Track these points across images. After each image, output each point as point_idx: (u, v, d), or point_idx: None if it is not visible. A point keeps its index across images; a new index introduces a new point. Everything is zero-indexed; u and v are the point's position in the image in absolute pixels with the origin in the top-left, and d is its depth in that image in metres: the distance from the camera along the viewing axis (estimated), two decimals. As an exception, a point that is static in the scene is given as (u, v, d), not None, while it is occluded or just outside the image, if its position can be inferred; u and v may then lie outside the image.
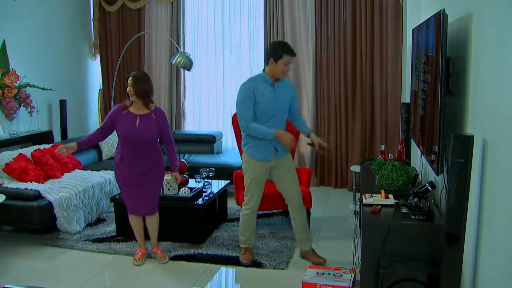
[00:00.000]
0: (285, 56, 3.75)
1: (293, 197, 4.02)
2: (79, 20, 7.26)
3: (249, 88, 3.82)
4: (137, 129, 3.87)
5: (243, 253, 4.09)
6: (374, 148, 6.24)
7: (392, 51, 5.99)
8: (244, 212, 4.06)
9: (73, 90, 7.03)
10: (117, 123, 3.90)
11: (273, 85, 3.86)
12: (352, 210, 5.37)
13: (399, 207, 3.12)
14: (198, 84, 7.17)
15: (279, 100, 3.87)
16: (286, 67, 3.79)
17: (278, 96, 3.87)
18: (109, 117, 3.93)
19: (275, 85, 3.87)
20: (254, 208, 4.03)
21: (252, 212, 4.05)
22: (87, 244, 4.44)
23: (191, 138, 6.68)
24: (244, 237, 4.08)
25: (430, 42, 3.10)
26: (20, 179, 4.70)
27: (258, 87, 3.82)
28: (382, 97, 6.15)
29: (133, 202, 4.00)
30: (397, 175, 3.44)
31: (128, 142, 3.91)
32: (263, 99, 3.80)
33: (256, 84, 3.83)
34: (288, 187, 4.02)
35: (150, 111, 3.94)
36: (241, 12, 6.84)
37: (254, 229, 4.13)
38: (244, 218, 4.06)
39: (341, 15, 6.23)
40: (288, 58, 3.76)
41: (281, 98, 3.89)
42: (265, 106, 3.81)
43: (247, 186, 4.03)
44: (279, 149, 3.90)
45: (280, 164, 3.96)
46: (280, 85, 3.89)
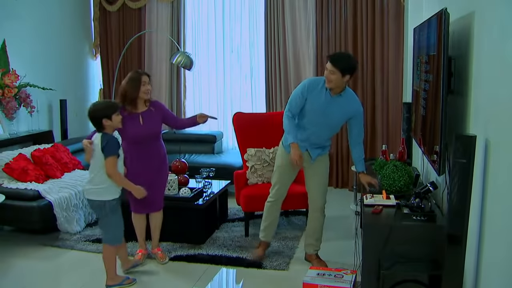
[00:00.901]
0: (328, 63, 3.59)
1: (315, 199, 3.96)
2: (79, 20, 7.24)
3: (303, 86, 3.72)
4: (142, 127, 3.87)
5: (257, 247, 4.13)
6: (375, 148, 6.22)
7: (394, 50, 5.96)
8: (267, 200, 4.05)
9: (73, 90, 7.01)
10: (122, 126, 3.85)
11: (332, 95, 3.66)
12: (353, 210, 5.34)
13: (401, 208, 3.10)
14: (199, 84, 7.15)
15: (328, 113, 3.67)
16: (326, 73, 3.59)
17: (330, 109, 3.66)
18: None
19: (335, 97, 3.66)
20: (275, 198, 4.01)
21: (273, 202, 4.02)
22: (87, 244, 4.42)
23: (191, 138, 6.66)
24: (263, 226, 4.10)
25: (431, 41, 3.08)
26: (20, 179, 4.69)
27: (313, 89, 3.68)
28: (383, 96, 6.12)
29: (141, 201, 3.87)
30: (399, 175, 3.42)
31: (136, 142, 3.88)
32: (312, 104, 3.67)
33: (313, 85, 3.70)
34: (313, 188, 3.96)
35: (147, 107, 3.95)
36: (241, 11, 6.81)
37: (274, 223, 4.10)
38: (266, 206, 4.06)
39: (342, 14, 6.20)
40: (327, 64, 3.58)
41: (332, 112, 3.67)
42: (311, 111, 3.69)
43: (273, 174, 4.05)
44: (312, 154, 3.82)
45: (313, 164, 3.90)
46: (340, 101, 3.66)
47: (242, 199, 4.55)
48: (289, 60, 6.51)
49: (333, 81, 3.54)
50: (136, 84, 3.83)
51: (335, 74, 3.50)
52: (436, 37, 2.90)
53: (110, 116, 3.43)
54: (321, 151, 3.87)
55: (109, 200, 3.48)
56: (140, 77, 3.85)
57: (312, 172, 3.92)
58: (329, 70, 3.52)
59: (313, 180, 3.94)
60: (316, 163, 3.89)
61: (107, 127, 3.45)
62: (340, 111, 3.68)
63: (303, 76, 6.48)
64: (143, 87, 3.85)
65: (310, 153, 3.82)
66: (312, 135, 3.76)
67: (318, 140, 3.80)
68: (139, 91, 3.84)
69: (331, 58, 3.55)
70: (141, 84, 3.84)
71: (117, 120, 3.48)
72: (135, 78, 3.86)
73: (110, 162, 3.39)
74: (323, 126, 3.74)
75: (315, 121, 3.70)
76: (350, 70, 3.54)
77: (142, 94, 3.86)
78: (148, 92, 3.90)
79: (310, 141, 3.79)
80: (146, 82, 3.86)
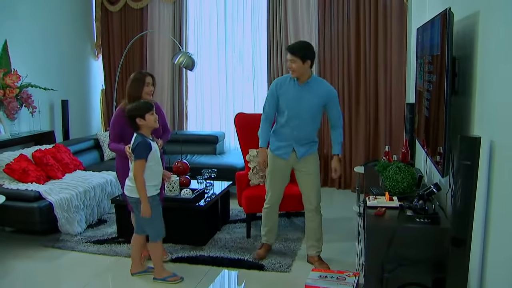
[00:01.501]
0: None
1: (308, 199, 3.99)
2: (81, 20, 7.23)
3: (273, 86, 3.90)
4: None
5: (259, 248, 4.16)
6: (378, 148, 6.18)
7: (397, 50, 5.93)
8: (264, 206, 4.11)
9: (75, 90, 7.00)
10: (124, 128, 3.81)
11: (300, 84, 3.78)
12: (356, 212, 5.31)
13: (404, 210, 3.06)
14: (201, 84, 7.14)
15: (303, 101, 3.78)
16: (288, 64, 3.75)
17: (303, 97, 3.78)
18: (118, 126, 3.82)
19: (303, 85, 3.79)
20: (271, 203, 4.06)
21: (269, 208, 4.08)
22: (88, 245, 4.40)
23: (193, 138, 6.64)
24: (263, 231, 4.16)
25: (435, 42, 3.04)
26: (20, 179, 4.67)
27: (282, 85, 3.84)
28: (386, 97, 6.09)
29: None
30: (402, 176, 3.38)
31: None
32: (285, 97, 3.81)
33: (282, 82, 3.87)
34: (305, 189, 3.99)
35: None
36: (244, 11, 6.80)
37: (274, 227, 4.16)
38: (263, 212, 4.13)
39: (345, 15, 6.18)
40: (287, 55, 3.74)
41: (306, 100, 3.78)
42: (286, 105, 3.81)
43: (266, 180, 4.10)
44: (298, 151, 3.87)
45: (302, 163, 3.93)
46: (310, 87, 3.80)
47: (244, 200, 4.52)
48: (292, 61, 6.45)
49: (296, 69, 3.69)
50: (139, 84, 3.84)
51: (296, 62, 3.66)
52: (440, 37, 2.86)
53: (143, 115, 3.50)
54: (308, 148, 3.90)
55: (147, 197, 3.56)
56: (144, 78, 3.86)
57: (303, 173, 3.96)
58: (290, 59, 3.69)
59: (304, 181, 3.97)
60: (305, 163, 3.92)
61: (142, 126, 3.53)
62: (312, 96, 3.79)
63: (306, 76, 6.43)
64: (146, 87, 3.84)
65: (297, 152, 3.87)
66: (295, 129, 3.82)
67: (303, 133, 3.85)
68: (142, 92, 3.83)
69: (289, 48, 3.71)
70: (144, 85, 3.84)
71: (151, 119, 3.53)
72: (138, 78, 3.87)
73: (137, 165, 3.49)
74: (302, 115, 3.80)
75: (293, 112, 3.79)
76: (309, 55, 3.70)
77: (145, 94, 3.85)
78: (151, 93, 3.89)
79: (295, 136, 3.84)
80: (149, 83, 3.87)
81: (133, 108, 3.54)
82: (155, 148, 3.61)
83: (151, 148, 3.53)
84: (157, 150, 3.62)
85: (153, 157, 3.56)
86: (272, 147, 3.95)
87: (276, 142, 3.93)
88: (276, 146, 3.93)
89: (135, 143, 3.51)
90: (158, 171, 3.66)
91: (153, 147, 3.57)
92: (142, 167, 3.50)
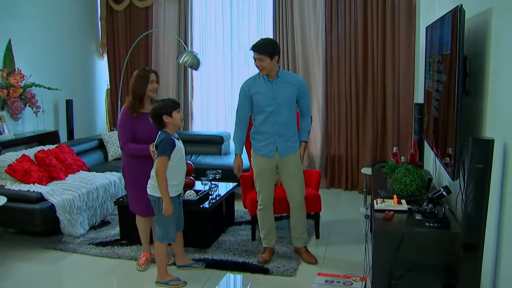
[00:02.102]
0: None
1: (294, 194, 4.01)
2: (86, 19, 7.19)
3: (244, 89, 3.94)
4: (154, 126, 3.73)
5: (262, 253, 4.09)
6: (385, 149, 6.09)
7: (405, 50, 5.83)
8: (258, 208, 4.09)
9: (80, 90, 6.95)
10: (134, 128, 3.76)
11: (271, 81, 3.84)
12: (363, 214, 5.22)
13: (413, 213, 2.97)
14: (206, 84, 7.06)
15: (279, 95, 3.83)
16: (256, 63, 3.79)
17: (278, 91, 3.84)
18: (129, 126, 3.76)
19: (274, 80, 3.84)
20: (264, 204, 4.04)
21: (263, 209, 4.06)
22: (90, 247, 4.34)
23: (198, 138, 6.57)
24: (262, 234, 4.11)
25: (445, 40, 2.95)
26: (22, 180, 4.61)
27: (254, 85, 3.89)
28: (394, 97, 5.99)
29: (146, 203, 3.78)
30: (410, 179, 3.29)
31: (148, 142, 3.72)
32: (259, 95, 3.85)
33: (252, 83, 3.92)
34: (290, 185, 4.00)
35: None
36: (249, 11, 6.72)
37: (272, 229, 4.12)
38: (258, 214, 4.13)
39: (352, 13, 6.08)
40: (254, 54, 3.78)
41: (281, 93, 3.84)
42: (261, 102, 3.85)
43: (255, 182, 4.07)
44: (280, 149, 3.90)
45: (285, 161, 3.95)
46: (281, 80, 3.86)
47: (249, 202, 4.44)
48: (298, 61, 6.40)
49: (266, 67, 3.76)
50: (143, 81, 3.79)
51: (265, 60, 3.73)
52: (450, 36, 2.77)
53: (170, 113, 3.48)
54: (290, 145, 3.92)
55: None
56: (148, 75, 3.81)
57: (285, 168, 3.97)
58: (258, 59, 3.75)
59: (289, 179, 4.00)
60: (288, 161, 3.94)
61: (168, 124, 3.50)
62: (286, 87, 3.86)
63: (312, 77, 6.38)
64: (150, 85, 3.80)
65: (279, 150, 3.89)
66: (276, 124, 3.85)
67: (283, 128, 3.87)
68: (146, 88, 3.79)
69: (256, 48, 3.76)
70: (148, 82, 3.79)
71: (177, 117, 3.52)
72: (143, 75, 3.82)
73: (160, 162, 3.46)
74: (281, 109, 3.84)
75: (271, 108, 3.82)
76: (276, 51, 3.79)
77: (149, 92, 3.80)
78: (155, 90, 3.85)
79: (277, 131, 3.87)
80: (154, 80, 3.82)
81: (161, 105, 3.52)
82: (180, 146, 3.57)
83: (175, 145, 3.50)
84: (182, 148, 3.59)
85: (176, 155, 3.52)
86: (255, 148, 3.98)
87: (258, 142, 3.95)
88: (259, 146, 3.95)
89: (160, 139, 3.49)
90: (181, 170, 3.62)
91: (177, 145, 3.53)
92: (164, 164, 3.46)
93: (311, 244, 4.38)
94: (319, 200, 4.47)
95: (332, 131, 6.36)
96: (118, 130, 3.86)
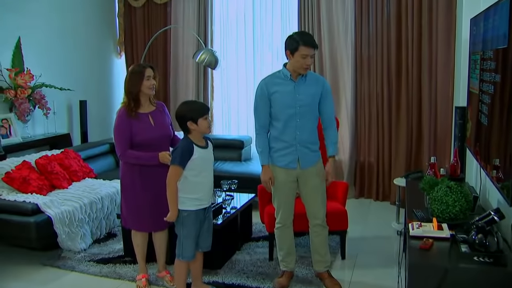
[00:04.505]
0: (302, 47, 3.21)
1: (315, 212, 3.50)
2: (103, 16, 6.90)
3: (261, 88, 3.39)
4: (154, 128, 3.41)
5: (279, 276, 3.63)
6: (420, 157, 5.56)
7: (444, 47, 5.26)
8: (275, 226, 3.61)
9: (94, 90, 6.65)
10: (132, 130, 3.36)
11: (295, 81, 3.34)
12: (395, 230, 4.69)
13: (457, 243, 2.45)
14: (227, 84, 6.68)
15: (302, 97, 3.33)
16: (305, 60, 3.23)
17: (301, 92, 3.34)
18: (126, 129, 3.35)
19: (298, 80, 3.35)
20: (283, 222, 3.54)
21: (282, 228, 3.56)
22: (90, 265, 3.94)
23: (216, 143, 5.93)
24: (280, 256, 3.62)
25: (500, 32, 2.43)
26: (20, 189, 4.22)
27: (273, 84, 3.37)
28: (431, 100, 5.43)
29: (149, 217, 3.44)
30: (453, 199, 2.76)
31: (148, 146, 3.37)
32: (279, 95, 3.34)
33: (271, 81, 3.39)
34: (311, 201, 3.50)
35: (155, 106, 3.51)
36: (273, 7, 6.29)
37: (291, 250, 3.62)
38: (276, 233, 3.62)
39: (384, 8, 5.59)
40: (305, 49, 3.21)
41: (305, 93, 3.35)
42: (282, 105, 3.34)
43: (272, 197, 3.58)
44: (301, 159, 3.40)
45: (307, 173, 3.44)
46: (304, 80, 3.37)
47: (267, 218, 3.97)
48: (325, 60, 5.94)
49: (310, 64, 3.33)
50: (138, 77, 3.35)
51: (313, 57, 3.32)
52: (508, 26, 2.25)
53: (196, 119, 3.09)
54: (313, 156, 3.44)
55: (180, 209, 3.17)
56: (143, 70, 3.36)
57: (307, 189, 3.49)
58: (310, 55, 3.25)
59: (310, 194, 3.49)
60: (310, 174, 3.44)
61: (192, 131, 3.14)
62: (310, 87, 3.38)
63: (341, 77, 5.92)
64: (146, 81, 3.36)
65: (301, 161, 3.40)
66: (298, 129, 3.36)
67: (306, 133, 3.39)
68: (141, 86, 3.35)
69: (311, 43, 3.26)
70: (143, 78, 3.35)
71: (203, 125, 3.12)
72: (136, 71, 3.38)
73: (172, 171, 3.11)
74: (302, 112, 3.35)
75: (292, 110, 3.34)
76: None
77: (146, 89, 3.37)
78: (153, 87, 3.40)
79: (298, 138, 3.38)
80: (150, 76, 3.37)
81: (186, 109, 3.12)
82: (204, 157, 3.16)
83: (190, 156, 3.08)
84: (207, 159, 3.18)
85: (195, 167, 3.11)
86: (274, 159, 3.45)
87: (276, 152, 3.43)
88: (277, 156, 3.43)
89: (178, 145, 3.17)
90: (199, 183, 3.17)
91: (198, 155, 3.11)
92: (176, 174, 3.09)
93: (336, 266, 3.91)
94: (345, 216, 3.97)
95: (362, 136, 5.88)
96: (114, 135, 3.44)
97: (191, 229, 3.18)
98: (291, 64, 3.32)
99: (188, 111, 3.10)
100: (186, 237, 3.19)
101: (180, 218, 3.17)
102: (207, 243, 3.34)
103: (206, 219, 3.28)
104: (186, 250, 3.21)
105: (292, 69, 3.32)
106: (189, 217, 3.16)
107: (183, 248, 3.21)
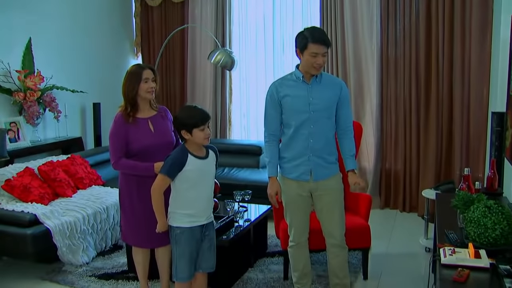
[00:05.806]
0: (311, 45, 2.90)
1: (332, 231, 3.16)
2: (119, 16, 6.72)
3: (271, 92, 3.09)
4: (154, 134, 3.15)
5: None
6: (451, 166, 5.19)
7: (478, 46, 4.88)
8: (289, 245, 3.29)
9: (109, 92, 6.44)
10: (128, 137, 3.11)
11: (308, 83, 3.03)
12: (423, 246, 4.32)
13: (499, 276, 2.09)
14: (246, 87, 6.43)
15: (316, 101, 3.02)
16: (315, 59, 2.92)
17: (315, 96, 3.02)
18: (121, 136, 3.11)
19: (311, 82, 3.04)
20: (297, 241, 3.21)
21: (296, 246, 3.23)
22: (91, 281, 3.69)
23: (233, 148, 5.85)
24: (295, 278, 3.31)
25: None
26: (21, 198, 3.98)
27: (284, 87, 3.06)
28: (463, 104, 5.06)
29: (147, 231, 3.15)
30: (493, 221, 2.39)
31: (146, 153, 3.11)
32: (290, 98, 3.04)
33: (281, 84, 3.09)
34: (327, 218, 3.16)
35: (156, 111, 3.25)
36: (293, 5, 6.01)
37: (307, 270, 3.29)
38: (289, 252, 3.31)
39: (413, 6, 5.26)
40: (315, 47, 2.90)
41: (320, 97, 3.03)
42: (293, 109, 3.04)
43: (284, 213, 3.26)
44: (314, 170, 3.06)
45: (321, 187, 3.10)
46: (319, 82, 3.06)
47: (282, 234, 3.63)
48: (349, 61, 5.65)
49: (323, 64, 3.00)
50: (135, 79, 3.09)
51: (326, 55, 2.98)
52: None
53: (190, 129, 2.79)
54: (327, 166, 3.10)
55: (172, 226, 2.91)
56: (141, 72, 3.09)
57: (322, 204, 3.15)
58: (322, 53, 2.93)
59: (326, 210, 3.16)
60: (326, 187, 3.10)
61: (187, 140, 2.86)
62: (325, 90, 3.07)
63: (365, 79, 5.62)
64: (144, 84, 3.09)
65: (313, 172, 3.07)
66: (311, 136, 3.04)
67: (320, 141, 3.06)
68: (139, 89, 3.09)
69: (322, 39, 2.93)
70: (141, 81, 3.08)
71: (199, 136, 2.80)
72: (134, 72, 3.11)
73: (158, 179, 2.84)
74: (316, 118, 3.04)
75: (304, 116, 3.03)
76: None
77: (143, 93, 3.10)
78: (152, 91, 3.13)
79: (312, 146, 3.05)
80: (148, 79, 3.10)
81: (182, 116, 2.84)
82: (198, 168, 2.84)
83: (182, 167, 2.79)
84: (201, 170, 2.85)
85: (186, 179, 2.82)
86: (284, 170, 3.14)
87: (287, 162, 3.11)
88: (288, 167, 3.11)
89: (171, 154, 2.87)
90: (193, 198, 2.86)
91: (191, 166, 2.81)
92: (161, 184, 2.83)
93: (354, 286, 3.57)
94: (368, 232, 3.63)
95: (388, 142, 5.55)
96: (109, 142, 3.17)
97: (185, 248, 2.87)
98: (302, 64, 3.02)
99: (184, 118, 2.81)
100: (179, 257, 2.89)
101: (173, 235, 2.89)
102: (209, 263, 3.01)
103: (205, 237, 2.96)
104: (180, 270, 2.90)
105: (303, 70, 3.02)
106: (182, 235, 2.86)
107: (176, 269, 2.92)
